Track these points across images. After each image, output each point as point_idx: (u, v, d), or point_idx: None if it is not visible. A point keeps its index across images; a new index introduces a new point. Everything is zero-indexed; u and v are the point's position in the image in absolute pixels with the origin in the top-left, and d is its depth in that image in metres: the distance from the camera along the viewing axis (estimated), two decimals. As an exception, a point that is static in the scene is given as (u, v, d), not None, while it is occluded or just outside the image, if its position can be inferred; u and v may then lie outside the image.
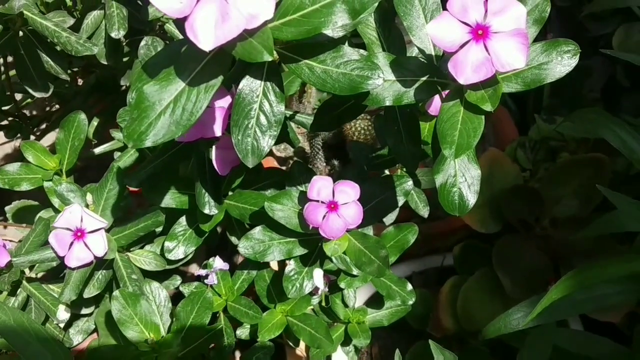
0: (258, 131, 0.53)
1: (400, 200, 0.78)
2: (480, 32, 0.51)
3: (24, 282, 0.86)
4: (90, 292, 0.79)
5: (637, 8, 1.12)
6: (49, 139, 1.23)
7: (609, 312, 0.96)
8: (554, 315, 0.74)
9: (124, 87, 1.17)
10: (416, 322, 1.11)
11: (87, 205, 0.77)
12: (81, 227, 0.71)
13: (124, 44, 1.06)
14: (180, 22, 0.43)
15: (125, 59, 1.06)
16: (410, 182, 0.77)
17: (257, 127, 0.53)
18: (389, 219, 0.87)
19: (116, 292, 0.71)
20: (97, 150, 1.15)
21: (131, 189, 0.80)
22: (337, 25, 0.47)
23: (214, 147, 0.67)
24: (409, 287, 0.86)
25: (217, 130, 0.63)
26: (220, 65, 0.47)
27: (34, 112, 1.63)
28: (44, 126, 1.30)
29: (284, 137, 0.93)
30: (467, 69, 0.51)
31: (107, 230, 0.77)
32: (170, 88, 0.46)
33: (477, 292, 1.03)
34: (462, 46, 0.51)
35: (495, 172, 1.10)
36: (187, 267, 1.40)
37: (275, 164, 1.38)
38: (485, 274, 1.03)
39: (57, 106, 1.32)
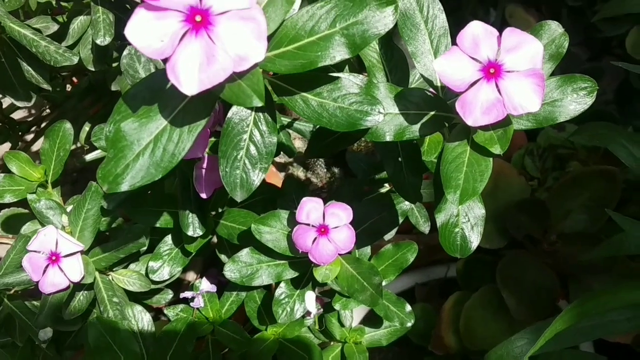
0: (248, 163, 0.48)
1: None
2: (492, 71, 0.46)
3: (6, 300, 0.82)
4: (70, 314, 0.75)
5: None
6: (40, 144, 1.20)
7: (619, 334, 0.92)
8: (558, 344, 0.70)
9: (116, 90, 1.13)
10: (417, 338, 1.07)
11: (63, 227, 0.73)
12: (56, 251, 0.67)
13: (116, 46, 1.02)
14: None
15: (115, 64, 1.02)
16: (408, 202, 0.73)
17: (247, 159, 0.48)
18: (389, 234, 0.83)
19: (93, 319, 0.68)
20: (88, 157, 1.11)
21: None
22: (335, 59, 0.43)
23: (195, 167, 0.63)
24: (408, 308, 0.81)
25: (198, 151, 0.59)
26: (206, 103, 0.42)
27: (32, 111, 1.59)
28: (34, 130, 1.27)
29: (281, 148, 0.89)
30: (476, 110, 0.46)
31: (87, 252, 0.73)
32: (151, 126, 0.42)
33: (481, 310, 0.99)
34: (471, 85, 0.46)
35: (501, 184, 1.05)
36: (184, 275, 1.37)
37: (273, 169, 1.34)
38: (489, 291, 0.99)
39: (49, 110, 1.29)
